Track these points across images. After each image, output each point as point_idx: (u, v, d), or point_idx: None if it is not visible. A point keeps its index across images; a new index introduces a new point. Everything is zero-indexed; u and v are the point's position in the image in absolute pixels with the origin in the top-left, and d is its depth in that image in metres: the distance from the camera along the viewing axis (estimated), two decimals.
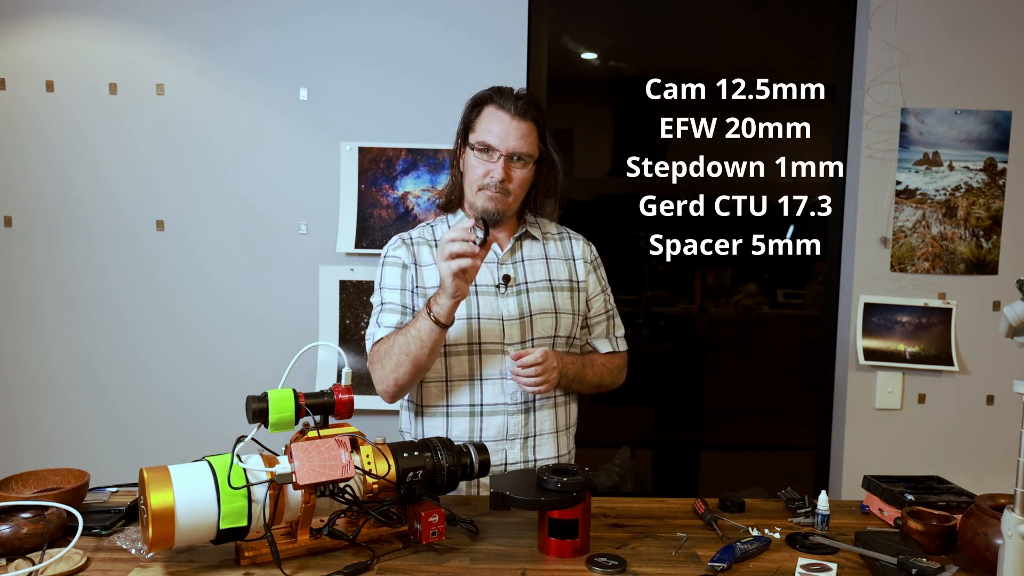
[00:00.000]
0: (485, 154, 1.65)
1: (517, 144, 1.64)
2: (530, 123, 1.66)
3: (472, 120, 1.70)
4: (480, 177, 1.66)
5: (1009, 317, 1.18)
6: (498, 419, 1.68)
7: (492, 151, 1.65)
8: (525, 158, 1.66)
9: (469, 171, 1.69)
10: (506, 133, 1.64)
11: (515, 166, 1.66)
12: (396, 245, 1.75)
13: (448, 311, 1.53)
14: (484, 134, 1.65)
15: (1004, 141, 2.39)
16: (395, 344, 1.59)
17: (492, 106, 1.67)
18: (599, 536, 1.43)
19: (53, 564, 1.24)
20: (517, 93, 1.68)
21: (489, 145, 1.64)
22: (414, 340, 1.56)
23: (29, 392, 2.42)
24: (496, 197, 1.65)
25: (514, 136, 1.64)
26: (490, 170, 1.65)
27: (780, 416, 2.94)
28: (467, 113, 1.72)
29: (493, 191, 1.65)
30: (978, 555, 1.27)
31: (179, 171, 2.38)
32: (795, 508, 1.57)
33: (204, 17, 2.34)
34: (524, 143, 1.65)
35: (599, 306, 1.81)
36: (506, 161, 1.64)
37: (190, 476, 1.25)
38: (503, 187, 1.65)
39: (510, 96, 1.67)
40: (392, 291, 1.71)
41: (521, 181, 1.68)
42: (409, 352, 1.57)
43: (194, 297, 2.41)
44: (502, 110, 1.65)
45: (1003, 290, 2.42)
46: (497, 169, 1.64)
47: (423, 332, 1.55)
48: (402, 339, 1.59)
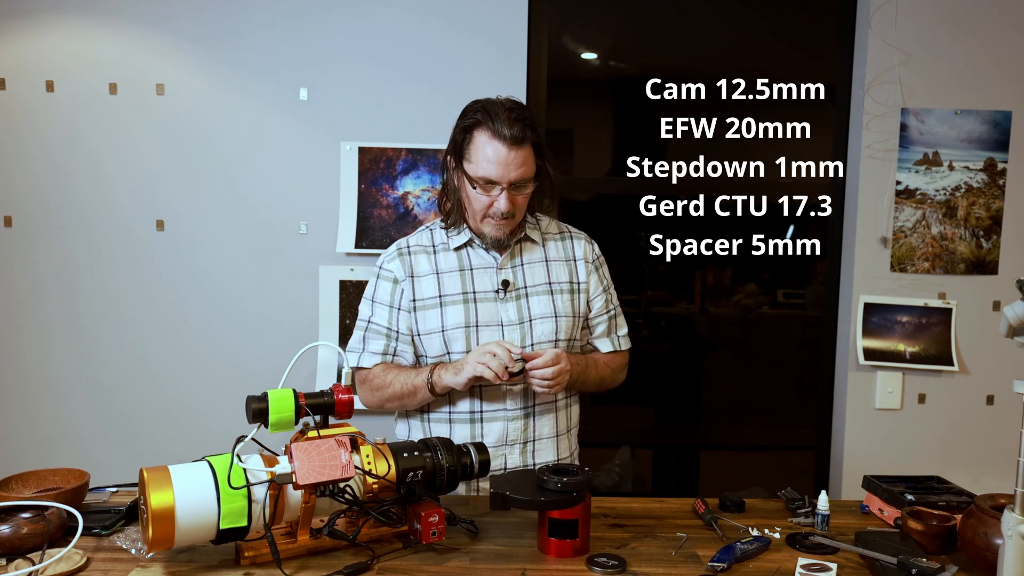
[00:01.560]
0: (486, 186, 1.61)
1: (517, 173, 1.60)
2: (527, 148, 1.60)
3: (464, 146, 1.63)
4: (484, 207, 1.63)
5: (1009, 317, 1.18)
6: (498, 424, 1.68)
7: (493, 184, 1.60)
8: (526, 183, 1.63)
9: (472, 200, 1.65)
10: (505, 166, 1.58)
11: (517, 192, 1.63)
12: (391, 257, 1.72)
13: (447, 388, 1.61)
14: (483, 168, 1.59)
15: (1004, 141, 2.39)
16: (390, 386, 1.66)
17: (485, 133, 1.59)
18: (599, 536, 1.43)
19: (53, 564, 1.24)
20: (509, 110, 1.59)
21: (489, 179, 1.60)
22: (408, 394, 1.66)
23: (29, 392, 2.42)
24: (502, 224, 1.65)
25: (514, 166, 1.59)
26: (493, 201, 1.62)
27: (780, 416, 2.94)
28: (458, 136, 1.64)
29: (498, 220, 1.64)
30: (978, 555, 1.27)
31: (179, 171, 2.38)
32: (795, 508, 1.57)
33: (204, 17, 2.33)
34: (524, 170, 1.61)
35: (601, 305, 1.79)
36: (509, 191, 1.61)
37: (190, 476, 1.25)
38: (508, 214, 1.63)
39: (503, 119, 1.57)
40: (381, 308, 1.71)
41: (524, 202, 1.66)
42: (401, 399, 1.68)
43: (194, 297, 2.40)
44: (496, 138, 1.57)
45: (1003, 290, 2.42)
46: (501, 200, 1.61)
47: (419, 393, 1.64)
48: (398, 386, 1.65)
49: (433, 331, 1.67)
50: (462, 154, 1.64)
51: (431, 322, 1.67)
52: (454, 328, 1.66)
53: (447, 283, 1.69)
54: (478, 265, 1.71)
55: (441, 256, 1.71)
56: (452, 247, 1.71)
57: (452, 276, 1.69)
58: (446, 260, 1.71)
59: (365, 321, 1.72)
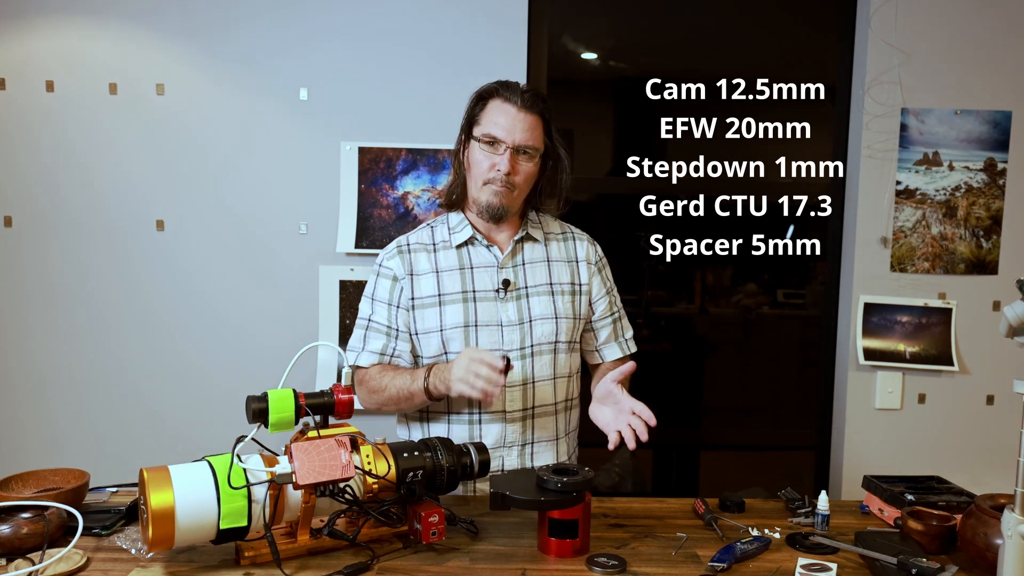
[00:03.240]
0: (491, 147, 1.63)
1: (523, 136, 1.62)
2: (536, 116, 1.65)
3: (477, 114, 1.67)
4: (486, 170, 1.64)
5: (1009, 317, 1.18)
6: (496, 426, 1.67)
7: (498, 143, 1.62)
8: (531, 151, 1.65)
9: (474, 165, 1.66)
10: (512, 125, 1.62)
11: (521, 159, 1.64)
12: (391, 255, 1.72)
13: (443, 394, 1.58)
14: (490, 126, 1.63)
15: (1004, 141, 2.39)
16: (386, 390, 1.64)
17: (498, 99, 1.65)
18: (599, 536, 1.43)
19: (53, 564, 1.24)
20: (523, 87, 1.67)
21: (495, 137, 1.62)
22: (404, 399, 1.64)
23: (30, 392, 2.42)
24: (501, 192, 1.64)
25: (520, 128, 1.62)
26: (496, 163, 1.63)
27: (780, 416, 2.94)
28: (471, 107, 1.69)
29: (499, 185, 1.63)
30: (978, 555, 1.27)
31: (179, 171, 2.38)
32: (795, 508, 1.57)
33: (204, 17, 2.34)
34: (530, 136, 1.63)
35: (604, 308, 1.78)
36: (512, 154, 1.62)
37: (190, 476, 1.25)
38: (509, 180, 1.63)
39: (516, 89, 1.65)
40: (381, 306, 1.70)
41: (527, 175, 1.66)
42: (398, 403, 1.66)
43: (194, 297, 2.40)
44: (508, 103, 1.63)
45: (1003, 290, 2.42)
46: (503, 161, 1.62)
47: (416, 398, 1.62)
48: (393, 390, 1.63)
49: (431, 330, 1.66)
50: (473, 122, 1.68)
51: (429, 321, 1.66)
52: (452, 328, 1.65)
53: (446, 282, 1.68)
54: (479, 264, 1.70)
55: (441, 254, 1.70)
56: (454, 244, 1.71)
57: (452, 275, 1.68)
58: (446, 258, 1.70)
59: (365, 319, 1.72)
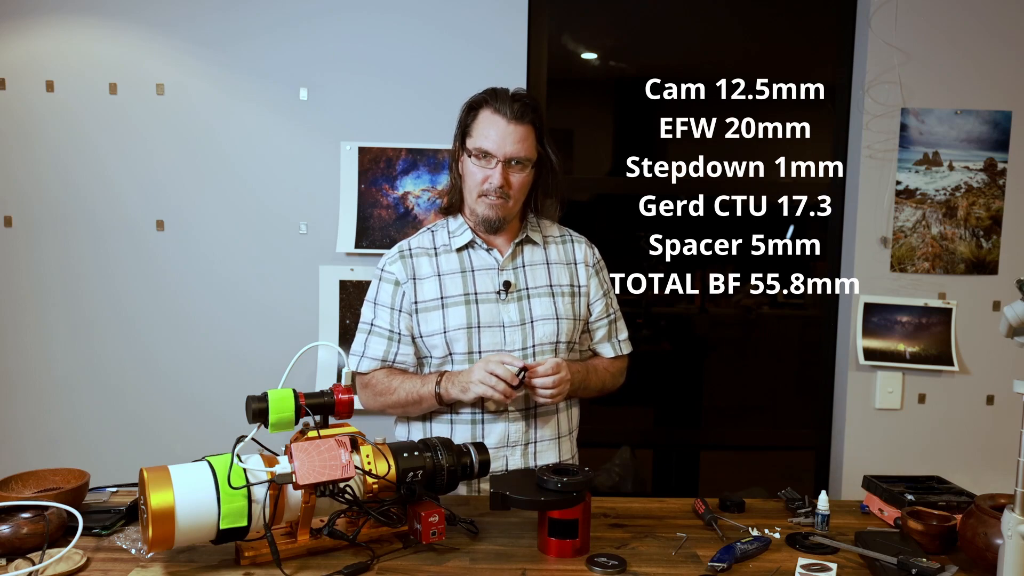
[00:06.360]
0: (483, 160, 1.64)
1: (514, 149, 1.63)
2: (527, 126, 1.65)
3: (468, 124, 1.68)
4: (479, 183, 1.65)
5: (1009, 317, 1.18)
6: (499, 426, 1.68)
7: (489, 157, 1.63)
8: (523, 162, 1.65)
9: (468, 177, 1.68)
10: (503, 138, 1.62)
11: (513, 170, 1.65)
12: (393, 259, 1.73)
13: (455, 400, 1.62)
14: (481, 140, 1.64)
15: (1004, 141, 2.39)
16: (395, 392, 1.66)
17: (488, 110, 1.65)
18: (599, 536, 1.43)
19: (53, 564, 1.24)
20: (513, 94, 1.66)
21: (486, 151, 1.63)
22: (413, 403, 1.66)
23: (29, 391, 2.42)
24: (496, 204, 1.65)
25: (511, 141, 1.62)
26: (488, 176, 1.64)
27: (780, 416, 2.94)
28: (463, 117, 1.70)
29: (493, 198, 1.64)
30: (978, 555, 1.27)
31: (179, 171, 2.37)
32: (795, 508, 1.57)
33: (204, 17, 2.33)
34: (521, 147, 1.64)
35: (601, 310, 1.79)
36: (504, 166, 1.63)
37: (190, 476, 1.25)
38: (502, 192, 1.64)
39: (506, 99, 1.64)
40: (383, 310, 1.71)
41: (520, 185, 1.67)
42: (405, 407, 1.69)
43: (194, 297, 2.40)
44: (498, 114, 1.63)
45: (1003, 290, 2.42)
46: (495, 175, 1.63)
47: (425, 402, 1.64)
48: (403, 393, 1.65)
49: (435, 332, 1.67)
50: (466, 132, 1.69)
51: (433, 324, 1.67)
52: (456, 329, 1.66)
53: (448, 285, 1.69)
54: (479, 266, 1.71)
55: (443, 258, 1.72)
56: (454, 248, 1.71)
57: (454, 278, 1.69)
58: (447, 262, 1.71)
59: (368, 324, 1.73)
